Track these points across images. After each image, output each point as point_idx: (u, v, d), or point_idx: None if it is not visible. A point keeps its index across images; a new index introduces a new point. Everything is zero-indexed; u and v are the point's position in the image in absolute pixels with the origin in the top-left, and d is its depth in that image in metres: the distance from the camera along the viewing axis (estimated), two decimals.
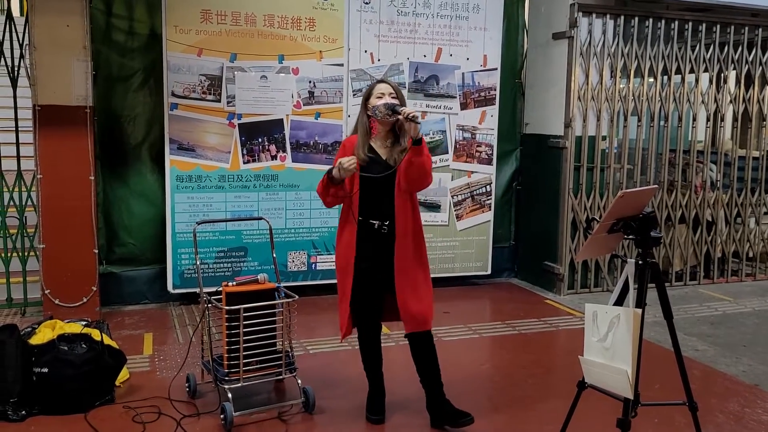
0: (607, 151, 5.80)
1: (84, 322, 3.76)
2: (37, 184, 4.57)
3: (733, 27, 6.07)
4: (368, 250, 3.07)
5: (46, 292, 4.60)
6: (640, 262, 2.40)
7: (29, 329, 3.56)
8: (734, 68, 6.23)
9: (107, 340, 3.54)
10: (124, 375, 3.64)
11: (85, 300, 4.66)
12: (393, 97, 3.01)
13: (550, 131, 5.82)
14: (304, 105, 5.23)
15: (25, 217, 4.92)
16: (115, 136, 5.07)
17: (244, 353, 3.24)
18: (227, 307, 3.21)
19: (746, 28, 6.13)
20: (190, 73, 4.92)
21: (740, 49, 6.16)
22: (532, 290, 5.93)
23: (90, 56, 4.58)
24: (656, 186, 3.05)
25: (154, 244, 5.17)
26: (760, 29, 6.18)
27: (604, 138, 5.77)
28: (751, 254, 6.58)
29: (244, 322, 3.22)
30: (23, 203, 4.86)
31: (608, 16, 5.65)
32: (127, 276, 5.18)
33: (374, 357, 3.27)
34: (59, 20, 4.45)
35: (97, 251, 4.72)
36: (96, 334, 3.49)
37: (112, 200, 5.11)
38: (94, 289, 4.70)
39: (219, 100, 5.01)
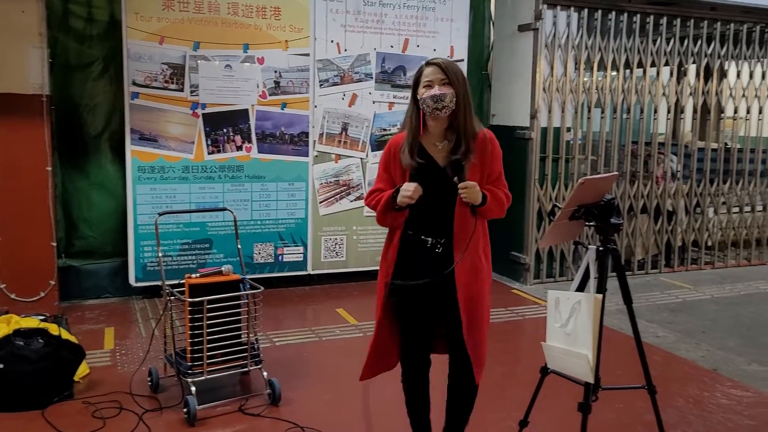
0: (571, 142, 5.87)
1: (41, 317, 3.68)
2: None
3: (692, 21, 6.20)
4: (414, 271, 2.45)
5: (2, 286, 4.46)
6: (600, 248, 2.43)
7: None
8: (694, 61, 6.36)
9: (65, 335, 3.46)
10: (83, 370, 3.56)
11: (42, 294, 4.54)
12: (444, 83, 2.35)
13: (516, 122, 5.87)
14: (269, 95, 5.16)
15: None
16: (73, 125, 4.95)
17: (208, 346, 3.19)
18: (190, 299, 3.16)
19: (705, 22, 6.26)
20: (152, 62, 4.81)
21: (700, 42, 6.29)
22: (500, 280, 5.98)
23: (46, 43, 4.45)
24: (617, 173, 3.07)
25: (115, 236, 5.07)
26: (719, 23, 6.32)
27: (568, 129, 5.84)
28: (710, 243, 6.75)
29: (208, 315, 3.17)
30: None
31: (572, 8, 5.71)
32: (88, 269, 5.07)
33: (421, 400, 2.65)
34: (13, 6, 4.31)
35: (55, 244, 4.60)
36: (54, 328, 3.41)
37: (71, 192, 4.98)
38: (53, 283, 4.58)
39: (182, 90, 4.91)
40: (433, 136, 2.46)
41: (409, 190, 2.34)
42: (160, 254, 3.55)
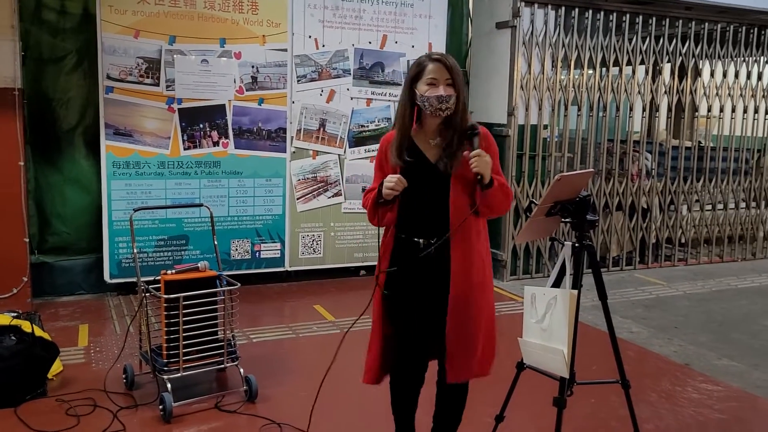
0: (548, 139, 5.92)
1: (14, 314, 3.61)
2: None
3: (668, 20, 6.28)
4: (408, 273, 2.39)
5: None
6: (576, 244, 2.46)
7: None
8: (669, 60, 6.45)
9: (38, 332, 3.40)
10: (57, 367, 3.50)
11: (15, 291, 4.47)
12: (449, 84, 2.29)
13: (493, 119, 5.90)
14: (246, 90, 5.12)
15: None
16: (46, 120, 4.86)
17: (184, 342, 3.17)
18: (166, 296, 3.12)
19: (680, 21, 6.35)
20: (127, 56, 4.74)
21: (675, 41, 6.38)
22: None
23: (18, 36, 4.36)
24: (592, 170, 3.11)
25: (89, 232, 4.99)
26: (693, 22, 6.41)
27: (545, 127, 5.89)
28: (683, 240, 6.86)
29: (184, 311, 3.14)
30: None
31: (550, 6, 5.75)
32: (61, 266, 4.99)
33: (409, 404, 2.61)
34: None
35: (27, 240, 4.52)
36: (26, 325, 3.35)
37: (44, 187, 4.90)
38: (25, 279, 4.50)
39: (157, 84, 4.85)
40: (427, 132, 2.39)
41: (391, 181, 2.28)
42: (135, 250, 3.50)
